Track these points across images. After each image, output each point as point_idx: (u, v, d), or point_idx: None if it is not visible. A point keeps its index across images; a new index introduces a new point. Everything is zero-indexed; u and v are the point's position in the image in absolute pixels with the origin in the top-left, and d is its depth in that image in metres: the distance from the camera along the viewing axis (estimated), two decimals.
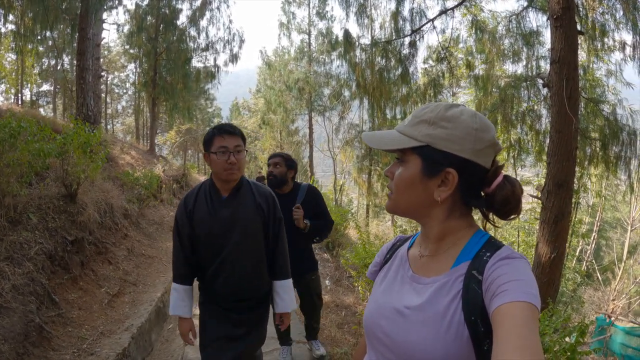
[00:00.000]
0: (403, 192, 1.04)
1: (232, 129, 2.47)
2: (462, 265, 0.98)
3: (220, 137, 2.41)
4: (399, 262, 1.17)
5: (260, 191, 2.63)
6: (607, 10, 7.86)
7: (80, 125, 5.52)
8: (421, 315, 0.96)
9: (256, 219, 2.55)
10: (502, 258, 0.92)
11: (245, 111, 41.87)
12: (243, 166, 2.50)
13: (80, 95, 10.45)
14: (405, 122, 1.05)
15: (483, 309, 0.88)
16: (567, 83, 5.18)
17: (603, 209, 18.33)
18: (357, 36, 9.38)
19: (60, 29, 12.39)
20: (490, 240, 1.01)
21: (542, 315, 4.41)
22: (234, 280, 2.52)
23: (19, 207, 4.58)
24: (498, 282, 0.85)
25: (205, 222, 2.49)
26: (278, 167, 3.75)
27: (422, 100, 9.36)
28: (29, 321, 3.47)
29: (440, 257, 1.04)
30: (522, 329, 0.74)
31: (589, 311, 14.20)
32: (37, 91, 24.22)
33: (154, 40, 15.87)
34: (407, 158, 1.03)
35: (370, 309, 1.13)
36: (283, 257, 2.67)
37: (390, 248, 1.29)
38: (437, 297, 0.96)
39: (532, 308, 0.78)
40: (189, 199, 2.58)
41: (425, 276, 1.04)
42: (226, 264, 2.50)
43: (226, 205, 2.51)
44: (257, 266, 2.57)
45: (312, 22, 23.00)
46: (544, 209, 5.75)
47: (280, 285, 2.66)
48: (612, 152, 8.21)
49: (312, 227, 3.65)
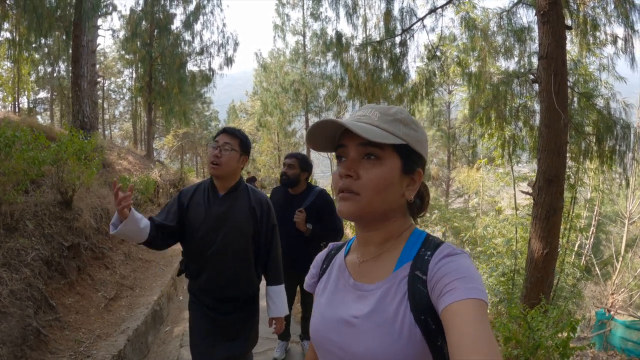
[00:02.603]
0: (379, 191, 0.98)
1: (233, 130, 2.63)
2: (404, 267, 0.98)
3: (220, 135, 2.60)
4: (337, 271, 1.14)
5: (256, 196, 2.71)
6: (598, 4, 7.88)
7: (75, 132, 5.57)
8: (371, 323, 0.95)
9: (247, 221, 2.61)
10: (444, 256, 0.93)
11: (242, 114, 41.86)
12: (228, 165, 2.54)
13: (76, 103, 10.48)
14: (375, 118, 1.00)
15: (431, 307, 0.89)
16: (555, 78, 5.22)
17: (601, 203, 18.35)
18: (350, 36, 9.41)
19: (55, 37, 12.42)
20: (428, 238, 1.03)
21: (535, 311, 4.46)
22: (218, 277, 2.58)
23: (15, 215, 4.63)
24: (444, 280, 0.86)
25: (199, 215, 2.58)
26: (292, 168, 3.83)
27: (415, 99, 9.37)
28: (27, 325, 3.52)
29: (380, 261, 1.03)
30: (473, 327, 0.75)
31: (590, 305, 14.21)
32: (34, 98, 24.25)
33: (149, 45, 15.92)
34: (384, 155, 0.98)
35: (316, 322, 1.10)
36: (275, 263, 2.73)
37: (325, 257, 1.25)
38: (384, 302, 0.95)
39: (480, 303, 0.79)
40: (186, 191, 2.70)
41: (367, 282, 1.02)
42: (212, 259, 2.56)
43: (221, 202, 2.60)
44: (242, 267, 2.62)
45: (307, 24, 23.03)
46: (536, 204, 5.79)
47: (272, 290, 2.72)
48: (606, 146, 8.23)
49: (314, 232, 3.70)
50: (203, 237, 2.56)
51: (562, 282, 11.10)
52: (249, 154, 2.71)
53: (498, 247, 12.56)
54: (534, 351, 4.00)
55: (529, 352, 4.00)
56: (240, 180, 2.71)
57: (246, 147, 2.65)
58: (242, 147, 2.61)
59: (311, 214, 3.73)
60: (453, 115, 27.70)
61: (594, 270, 15.87)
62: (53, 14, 10.38)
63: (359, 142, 0.98)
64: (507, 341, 4.14)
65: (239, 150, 2.59)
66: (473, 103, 9.81)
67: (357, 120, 1.00)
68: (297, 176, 3.83)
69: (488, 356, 0.70)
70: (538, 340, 4.02)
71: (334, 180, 1.03)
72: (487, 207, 19.00)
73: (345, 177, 0.98)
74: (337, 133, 1.03)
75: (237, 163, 2.62)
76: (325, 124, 1.01)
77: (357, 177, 0.98)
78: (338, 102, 19.21)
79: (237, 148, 2.58)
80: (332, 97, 19.01)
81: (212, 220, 2.57)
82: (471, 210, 21.25)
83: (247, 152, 2.66)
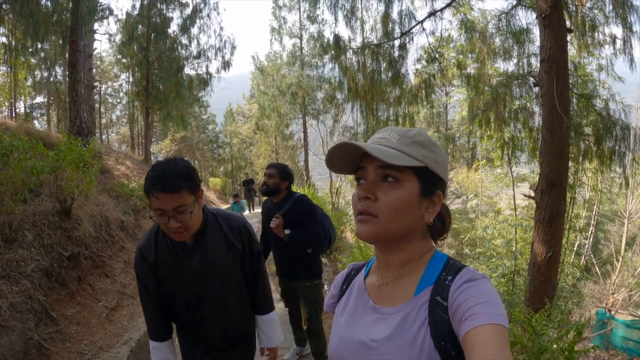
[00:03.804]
0: (397, 214, 0.97)
1: (169, 186, 1.84)
2: (425, 292, 0.97)
3: (154, 198, 1.86)
4: (357, 293, 1.13)
5: (232, 225, 2.24)
6: (596, 5, 7.89)
7: (73, 140, 5.53)
8: (390, 347, 0.94)
9: (232, 261, 2.22)
10: (465, 281, 0.92)
11: (239, 117, 41.85)
12: (194, 224, 2.02)
13: (73, 108, 10.42)
14: (394, 140, 0.99)
15: (452, 333, 0.88)
16: (558, 82, 5.22)
17: (600, 203, 18.37)
18: (348, 39, 9.40)
19: (51, 41, 12.37)
20: (449, 261, 1.02)
21: (539, 315, 4.43)
22: (220, 329, 2.28)
23: (14, 225, 4.59)
24: (464, 306, 0.86)
25: (172, 279, 2.13)
26: (272, 177, 3.92)
27: (414, 101, 9.36)
28: (28, 339, 3.48)
29: (400, 285, 1.03)
30: (493, 353, 0.75)
31: (590, 305, 14.21)
32: (30, 103, 24.19)
33: (146, 49, 15.88)
34: (403, 178, 0.97)
35: (335, 344, 1.09)
36: (263, 291, 2.42)
37: (345, 278, 1.25)
38: (404, 327, 0.95)
39: (501, 329, 0.79)
40: (146, 249, 2.14)
41: (387, 306, 1.02)
42: (209, 316, 2.22)
43: (193, 254, 2.12)
44: (242, 306, 2.35)
45: (304, 26, 22.99)
46: (539, 208, 5.78)
47: (262, 320, 2.43)
48: (606, 147, 8.22)
49: (292, 237, 3.75)
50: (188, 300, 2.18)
51: (562, 282, 11.10)
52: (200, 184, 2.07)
53: (497, 249, 12.57)
54: (539, 355, 3.98)
55: (534, 357, 3.98)
56: (206, 217, 2.17)
57: (195, 183, 1.97)
58: (192, 188, 1.95)
59: (290, 220, 3.79)
60: (450, 117, 27.74)
61: (594, 270, 15.89)
62: (49, 18, 10.36)
63: (378, 164, 0.97)
64: (512, 346, 4.12)
65: (193, 196, 1.96)
66: (472, 105, 9.81)
67: (377, 142, 1.00)
68: (277, 185, 3.92)
69: None
70: (543, 344, 4.00)
71: (353, 202, 1.02)
72: (486, 208, 18.99)
73: (364, 199, 0.98)
74: (357, 155, 1.02)
75: (199, 210, 2.07)
76: (345, 147, 1.00)
77: (375, 199, 0.97)
78: (336, 105, 19.15)
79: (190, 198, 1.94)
80: (329, 99, 19.00)
81: (191, 281, 2.13)
82: (470, 211, 21.23)
83: (198, 187, 2.01)
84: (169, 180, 1.83)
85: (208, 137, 38.24)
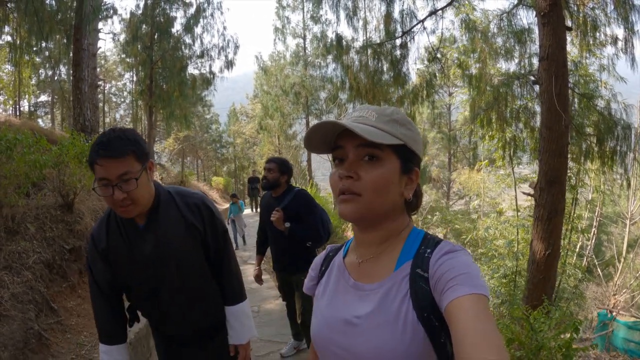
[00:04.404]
0: (380, 192, 0.97)
1: (113, 150, 1.66)
2: (405, 266, 0.98)
3: (98, 166, 1.67)
4: (337, 272, 1.14)
5: (189, 203, 1.99)
6: (598, 5, 7.90)
7: (76, 136, 5.58)
8: (374, 322, 0.95)
9: (191, 243, 1.96)
10: (445, 253, 0.94)
11: (243, 116, 41.92)
12: (142, 196, 1.78)
13: (77, 106, 10.47)
14: (372, 119, 0.99)
15: (434, 304, 0.89)
16: (556, 80, 5.24)
17: (603, 204, 18.31)
18: (351, 39, 9.44)
19: (56, 40, 12.43)
20: (426, 236, 1.04)
21: (538, 312, 4.45)
22: (186, 320, 2.04)
23: (16, 218, 4.64)
24: (446, 277, 0.87)
25: (124, 266, 1.91)
26: (272, 172, 3.98)
27: (415, 101, 9.38)
28: (28, 328, 3.52)
29: (380, 261, 1.04)
30: (477, 322, 0.76)
31: (592, 307, 14.18)
32: (35, 102, 24.35)
33: (149, 48, 15.92)
34: (383, 156, 0.98)
35: (318, 324, 1.10)
36: (230, 277, 2.11)
37: (323, 260, 1.25)
38: (386, 301, 0.96)
39: (482, 299, 0.81)
40: (97, 235, 1.92)
41: (368, 282, 1.03)
42: (170, 306, 2.00)
43: (146, 236, 1.88)
44: (209, 294, 2.07)
45: (307, 26, 23.07)
46: (537, 206, 5.80)
47: (230, 312, 2.11)
48: (607, 147, 8.22)
49: (292, 230, 3.77)
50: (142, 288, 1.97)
51: (563, 283, 11.08)
52: (149, 154, 1.85)
53: (499, 249, 12.56)
54: (537, 352, 3.99)
55: (532, 354, 3.99)
56: (159, 193, 1.93)
57: (143, 151, 1.78)
58: (140, 155, 1.75)
59: (290, 214, 3.82)
60: (454, 117, 27.73)
61: (596, 272, 15.83)
62: (54, 17, 10.40)
63: (358, 143, 0.98)
64: (509, 342, 4.13)
65: (140, 164, 1.76)
66: (474, 105, 9.82)
67: (355, 121, 0.99)
68: (276, 179, 3.98)
69: (493, 350, 0.71)
70: (541, 341, 4.02)
71: (333, 182, 1.02)
72: (489, 208, 19.00)
73: (346, 179, 0.98)
74: (334, 135, 1.03)
75: (148, 182, 1.84)
76: (325, 126, 0.99)
77: (357, 178, 0.97)
78: (339, 105, 19.16)
79: (137, 166, 1.74)
80: (332, 99, 19.01)
81: (141, 268, 1.90)
82: (472, 212, 21.24)
83: (146, 155, 1.81)
84: (112, 144, 1.67)
85: (211, 137, 38.34)
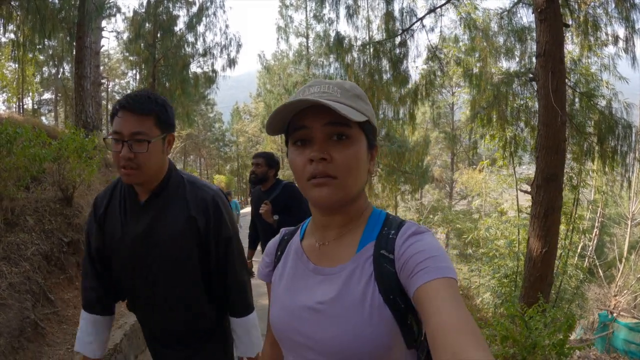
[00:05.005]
0: (356, 172, 0.93)
1: (136, 105, 1.58)
2: (368, 247, 0.95)
3: (117, 118, 1.59)
4: (294, 257, 1.08)
5: (198, 195, 1.78)
6: (599, 4, 7.90)
7: (76, 131, 5.63)
8: (338, 307, 0.91)
9: (185, 239, 1.74)
10: (411, 234, 0.91)
11: (246, 115, 42.07)
12: (148, 165, 1.63)
13: (79, 103, 10.54)
14: (337, 95, 0.92)
15: (400, 286, 0.87)
16: (553, 76, 5.24)
17: (605, 205, 18.26)
18: (353, 38, 9.46)
19: (59, 38, 12.51)
20: (388, 217, 1.01)
21: (533, 310, 4.46)
22: (155, 319, 1.87)
23: (16, 210, 4.68)
24: (414, 260, 0.84)
25: (115, 238, 1.77)
26: (260, 166, 4.07)
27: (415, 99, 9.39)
28: (25, 317, 3.56)
29: (342, 243, 0.99)
30: (451, 306, 0.74)
31: (593, 308, 14.15)
32: (38, 99, 24.48)
33: (152, 46, 15.95)
34: (353, 133, 0.92)
35: (277, 312, 1.04)
36: (237, 287, 1.88)
37: (278, 244, 1.17)
38: (350, 284, 0.92)
39: (452, 282, 0.79)
40: (100, 199, 1.85)
41: (329, 266, 0.98)
42: (142, 297, 1.83)
43: (143, 214, 1.74)
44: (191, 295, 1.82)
45: (310, 26, 23.18)
46: (534, 203, 5.81)
47: (237, 324, 1.90)
48: (608, 146, 8.22)
49: (281, 222, 3.80)
50: (125, 269, 1.80)
51: (565, 284, 11.07)
52: (174, 127, 1.75)
53: (500, 249, 12.55)
54: (530, 350, 4.00)
55: (526, 351, 4.00)
56: (170, 174, 1.78)
57: (167, 119, 1.67)
58: (161, 120, 1.64)
59: (278, 207, 3.88)
60: (456, 117, 27.72)
61: (597, 273, 15.80)
62: (56, 15, 10.46)
63: (326, 121, 0.91)
64: (504, 340, 4.14)
65: (159, 130, 1.64)
66: (474, 104, 9.84)
67: (320, 97, 0.90)
68: (264, 173, 4.07)
69: (472, 334, 0.69)
70: (535, 339, 4.02)
71: (299, 166, 0.94)
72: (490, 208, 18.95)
73: (318, 162, 0.90)
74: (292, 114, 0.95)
75: (162, 154, 1.70)
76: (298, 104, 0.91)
77: (330, 160, 0.90)
78: None
79: (154, 131, 1.62)
80: None
81: (128, 246, 1.75)
82: (474, 212, 21.19)
83: (170, 127, 1.71)
84: (137, 99, 1.58)
85: (214, 135, 38.46)
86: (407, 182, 18.12)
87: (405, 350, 0.90)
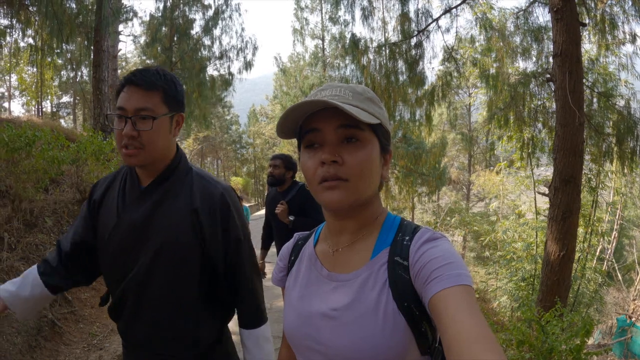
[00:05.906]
0: (367, 176, 0.91)
1: (142, 80, 1.45)
2: (382, 254, 0.93)
3: (123, 94, 1.47)
4: (308, 263, 1.07)
5: (206, 190, 1.60)
6: (616, 2, 7.77)
7: (94, 133, 5.71)
8: (352, 314, 0.90)
9: (186, 234, 1.54)
10: (425, 241, 0.89)
11: (262, 117, 42.24)
12: (155, 144, 1.48)
13: (97, 106, 10.69)
14: (349, 97, 0.92)
15: (414, 293, 0.86)
16: (570, 76, 5.16)
17: (624, 207, 17.95)
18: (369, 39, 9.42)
19: (77, 42, 12.71)
20: (403, 222, 0.99)
21: (550, 314, 4.39)
22: (142, 325, 1.59)
23: (35, 211, 4.77)
24: (429, 267, 0.83)
25: (108, 227, 1.58)
26: (277, 168, 4.10)
27: (431, 100, 9.34)
28: (42, 317, 3.62)
29: (356, 249, 0.98)
30: (467, 315, 0.72)
31: (612, 312, 13.91)
32: (57, 103, 24.90)
33: (169, 50, 16.11)
34: (365, 136, 0.92)
35: (291, 318, 1.03)
36: (248, 295, 1.68)
37: (292, 249, 1.16)
38: (364, 291, 0.91)
39: (469, 290, 0.77)
40: (101, 183, 1.69)
41: (343, 272, 0.97)
42: (129, 297, 1.58)
43: (141, 201, 1.56)
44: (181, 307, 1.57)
45: (325, 28, 23.19)
46: (552, 205, 5.72)
47: (247, 335, 1.69)
48: (628, 147, 8.08)
49: (296, 223, 3.84)
50: (115, 262, 1.58)
51: (583, 287, 10.89)
52: (184, 106, 1.61)
53: (518, 252, 12.40)
54: (547, 355, 3.94)
55: (542, 356, 3.94)
56: (178, 160, 1.62)
57: (175, 96, 1.54)
58: (169, 97, 1.52)
59: (294, 208, 3.92)
60: (474, 119, 27.50)
61: (616, 276, 15.52)
62: (74, 20, 10.64)
63: (339, 124, 0.90)
64: (520, 344, 4.09)
65: (167, 108, 1.51)
66: (491, 105, 9.75)
67: (331, 99, 0.88)
68: (282, 175, 4.09)
69: (488, 343, 0.67)
70: (551, 344, 3.96)
71: (310, 169, 0.93)
72: (508, 211, 18.75)
73: (330, 164, 0.89)
74: (303, 117, 0.94)
75: (169, 134, 1.55)
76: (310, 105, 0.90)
77: (342, 163, 0.89)
78: None
79: (161, 108, 1.49)
80: None
81: (124, 232, 1.55)
82: (491, 214, 20.98)
83: (179, 105, 1.57)
84: (144, 73, 1.47)
85: (231, 137, 38.69)
86: (424, 184, 18.04)
87: (419, 357, 0.89)
